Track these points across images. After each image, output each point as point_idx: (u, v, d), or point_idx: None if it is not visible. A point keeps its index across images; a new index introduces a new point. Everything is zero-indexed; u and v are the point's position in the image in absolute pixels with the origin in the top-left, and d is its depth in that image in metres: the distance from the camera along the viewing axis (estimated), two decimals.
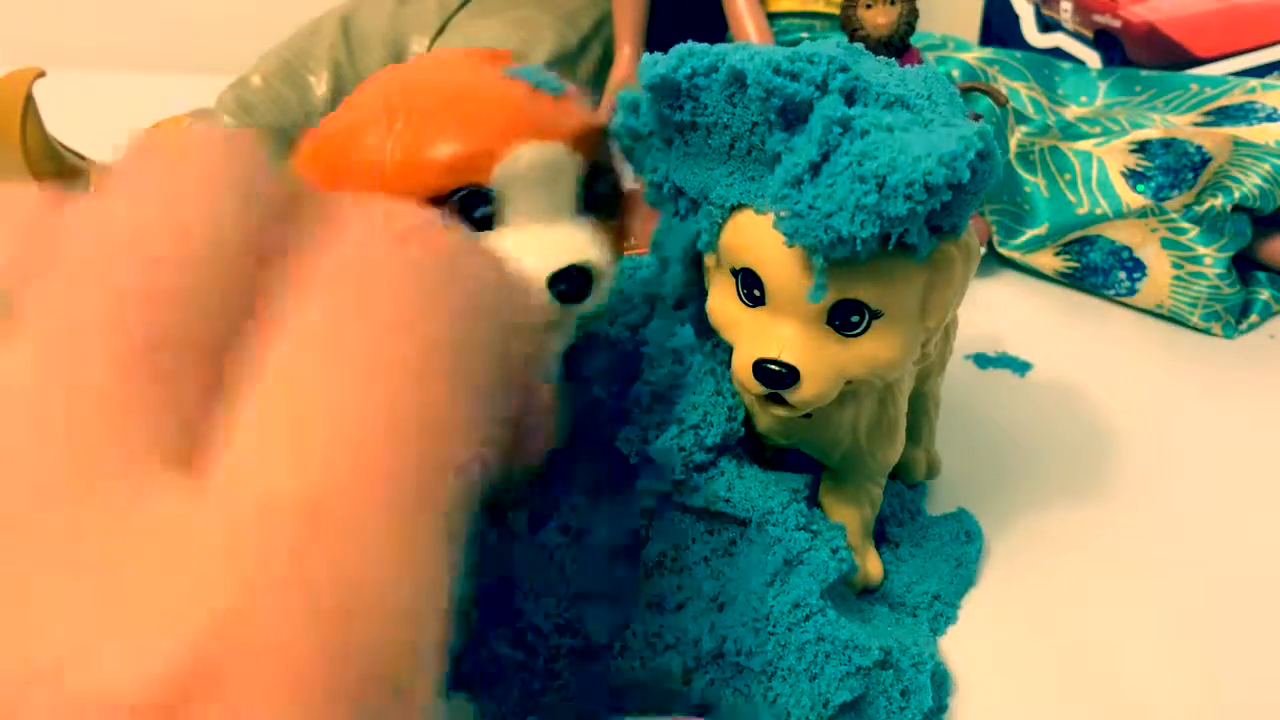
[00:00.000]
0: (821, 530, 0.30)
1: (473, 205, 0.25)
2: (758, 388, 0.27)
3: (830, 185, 0.24)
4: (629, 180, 0.30)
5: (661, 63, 0.27)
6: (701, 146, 0.28)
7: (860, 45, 0.28)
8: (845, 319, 0.26)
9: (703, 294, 0.31)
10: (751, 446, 0.33)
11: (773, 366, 0.26)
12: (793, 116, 0.26)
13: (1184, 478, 0.40)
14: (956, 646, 0.33)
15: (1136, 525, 0.38)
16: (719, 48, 0.27)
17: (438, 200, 0.25)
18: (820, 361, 0.27)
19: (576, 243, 0.26)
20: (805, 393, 0.27)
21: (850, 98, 0.26)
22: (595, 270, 0.26)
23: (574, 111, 0.26)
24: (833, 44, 0.27)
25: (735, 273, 0.28)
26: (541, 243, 0.25)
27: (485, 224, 0.25)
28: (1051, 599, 0.35)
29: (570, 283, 0.25)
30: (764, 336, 0.27)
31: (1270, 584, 0.36)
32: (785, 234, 0.25)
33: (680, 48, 0.27)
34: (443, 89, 0.25)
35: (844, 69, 0.26)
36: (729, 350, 0.29)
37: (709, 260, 0.29)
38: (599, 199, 0.27)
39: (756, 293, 0.27)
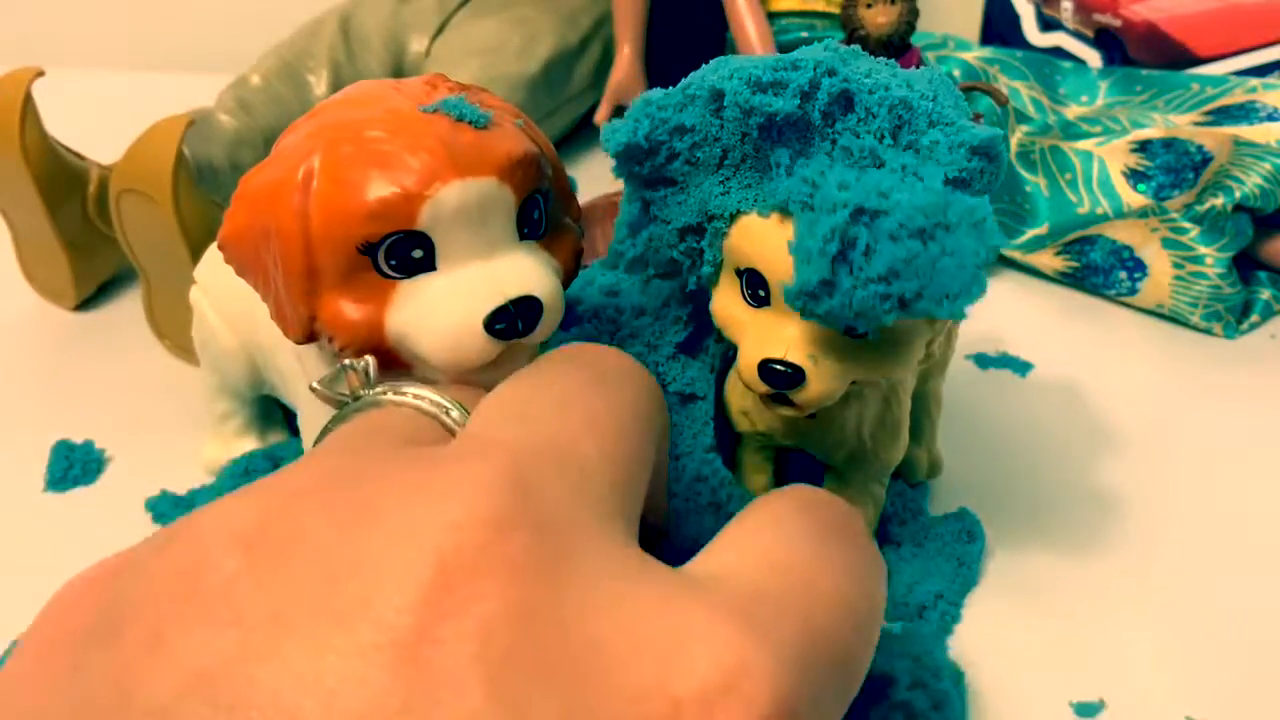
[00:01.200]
0: None
1: (405, 249, 0.24)
2: (763, 388, 0.27)
3: (846, 298, 0.24)
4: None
5: (621, 130, 0.27)
6: (687, 170, 0.28)
7: (857, 46, 0.28)
8: None
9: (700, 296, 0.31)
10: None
11: (778, 367, 0.26)
12: (782, 127, 0.26)
13: (1185, 477, 0.40)
14: (960, 646, 0.33)
15: (1137, 524, 0.38)
16: (692, 79, 0.27)
17: (370, 247, 0.24)
18: (826, 362, 0.27)
19: (517, 275, 0.25)
20: (811, 393, 0.27)
21: (846, 101, 0.26)
22: (541, 299, 0.25)
23: (500, 142, 0.25)
24: (819, 49, 0.27)
25: (740, 273, 0.28)
26: (477, 281, 0.25)
27: (422, 265, 0.25)
28: (1053, 598, 0.35)
29: (507, 320, 0.25)
30: (769, 337, 0.27)
31: (1272, 583, 0.36)
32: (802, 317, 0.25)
33: (636, 104, 0.27)
34: (358, 133, 0.25)
35: (832, 72, 0.26)
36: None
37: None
38: (542, 223, 0.27)
39: (761, 293, 0.27)
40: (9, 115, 0.46)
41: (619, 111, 0.66)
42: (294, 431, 0.40)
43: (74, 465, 0.41)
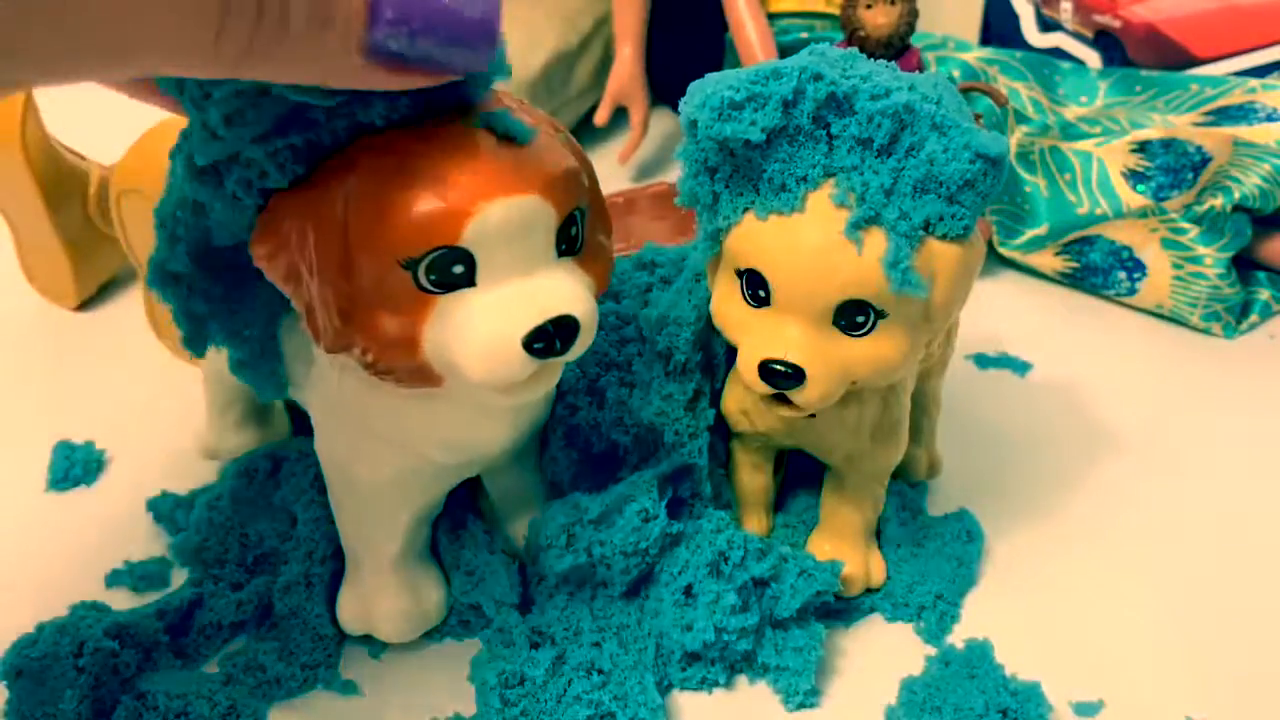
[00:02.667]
0: None
1: (446, 264, 0.24)
2: (764, 389, 0.27)
3: None
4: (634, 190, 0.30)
5: None
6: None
7: (855, 49, 0.28)
8: (851, 319, 0.26)
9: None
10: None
11: (778, 367, 0.26)
12: (770, 137, 0.26)
13: (1184, 477, 0.40)
14: (959, 646, 0.33)
15: (1137, 524, 0.38)
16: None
17: (411, 262, 0.24)
18: (826, 362, 0.27)
19: (556, 294, 0.25)
20: (811, 393, 0.27)
21: (837, 103, 0.26)
22: (578, 319, 0.25)
23: (544, 159, 0.25)
24: (806, 54, 0.27)
25: (740, 274, 0.28)
26: (517, 300, 0.25)
27: (461, 280, 0.24)
28: (1052, 598, 0.35)
29: (546, 340, 0.25)
30: (770, 337, 0.27)
31: (1270, 582, 0.36)
32: None
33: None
34: (402, 146, 0.24)
35: (817, 77, 0.26)
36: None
37: (712, 261, 0.30)
38: (580, 240, 0.27)
39: (762, 293, 0.27)
40: (10, 116, 0.46)
41: (620, 112, 0.67)
42: (296, 426, 0.41)
43: (74, 465, 0.41)
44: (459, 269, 0.24)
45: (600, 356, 0.35)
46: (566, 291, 0.25)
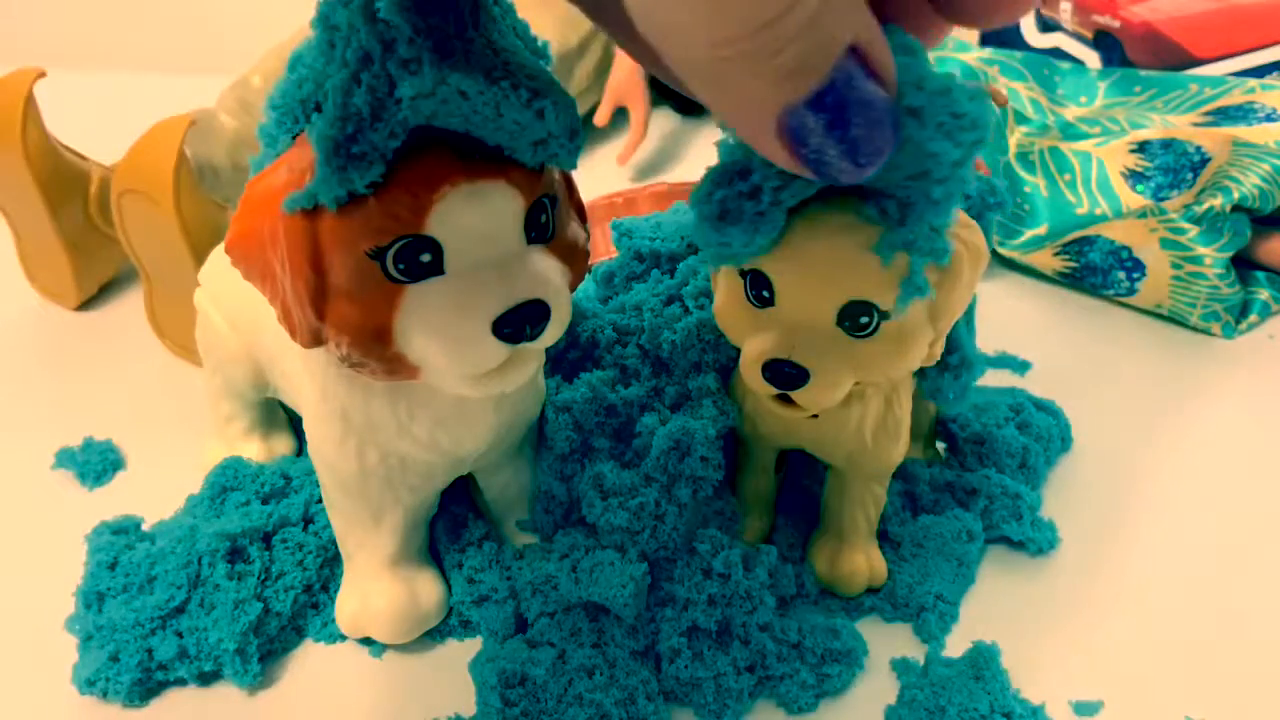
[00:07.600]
0: None
1: (413, 253, 0.24)
2: (767, 389, 0.27)
3: None
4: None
5: None
6: None
7: None
8: (855, 320, 0.26)
9: None
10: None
11: (782, 367, 0.26)
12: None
13: (1183, 477, 0.40)
14: (960, 646, 0.33)
15: (1136, 524, 0.38)
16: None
17: (378, 251, 0.24)
18: (829, 362, 0.27)
19: (525, 280, 0.25)
20: (814, 393, 0.27)
21: None
22: (549, 303, 0.25)
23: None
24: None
25: (743, 274, 0.28)
26: (485, 285, 0.25)
27: (430, 269, 0.24)
28: (1053, 598, 0.35)
29: (515, 324, 0.25)
30: (773, 338, 0.27)
31: (1270, 582, 0.36)
32: None
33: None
34: None
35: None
36: None
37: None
38: (549, 227, 0.26)
39: (765, 294, 0.27)
40: (11, 116, 0.46)
41: (620, 112, 0.67)
42: (298, 435, 0.41)
43: (74, 465, 0.41)
44: (426, 257, 0.24)
45: (599, 399, 0.34)
46: (536, 277, 0.25)
